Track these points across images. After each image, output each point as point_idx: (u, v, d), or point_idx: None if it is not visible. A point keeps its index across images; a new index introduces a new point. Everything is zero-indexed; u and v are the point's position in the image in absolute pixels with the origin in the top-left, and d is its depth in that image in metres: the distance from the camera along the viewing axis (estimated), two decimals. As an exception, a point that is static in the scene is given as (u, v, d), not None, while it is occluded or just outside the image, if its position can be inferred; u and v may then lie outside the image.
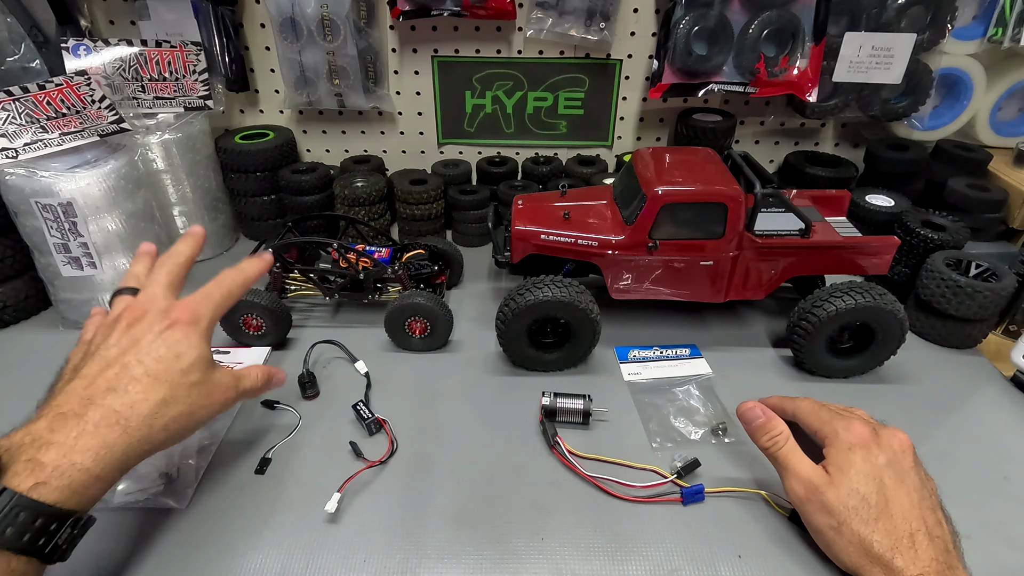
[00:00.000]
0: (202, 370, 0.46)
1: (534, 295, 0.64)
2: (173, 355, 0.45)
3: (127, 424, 0.42)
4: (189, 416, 0.46)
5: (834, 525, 0.46)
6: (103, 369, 0.43)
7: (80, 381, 0.43)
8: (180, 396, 0.45)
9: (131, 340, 0.45)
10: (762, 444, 0.52)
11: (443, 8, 0.86)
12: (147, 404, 0.43)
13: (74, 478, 0.39)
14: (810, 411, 0.52)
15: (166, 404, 0.44)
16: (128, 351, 0.44)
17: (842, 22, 0.86)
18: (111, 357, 0.44)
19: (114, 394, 0.42)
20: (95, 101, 0.74)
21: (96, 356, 0.44)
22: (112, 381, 0.42)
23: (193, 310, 0.47)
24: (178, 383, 0.45)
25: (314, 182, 0.91)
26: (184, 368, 0.45)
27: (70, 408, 0.41)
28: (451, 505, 0.54)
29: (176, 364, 0.45)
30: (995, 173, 0.91)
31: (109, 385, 0.42)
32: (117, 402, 0.42)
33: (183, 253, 0.53)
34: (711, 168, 0.69)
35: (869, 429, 0.49)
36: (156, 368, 0.44)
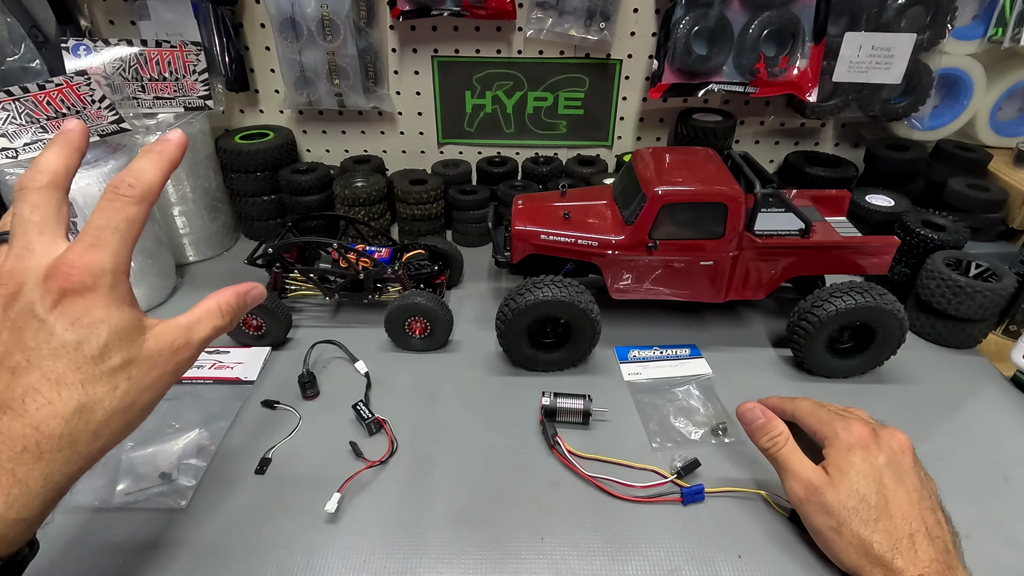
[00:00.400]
0: (122, 347, 0.34)
1: (534, 295, 0.64)
2: (74, 343, 0.33)
3: (38, 451, 0.32)
4: (126, 410, 0.35)
5: (834, 526, 0.46)
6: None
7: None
8: (101, 393, 0.33)
9: (12, 332, 0.32)
10: (762, 445, 0.52)
11: (443, 8, 0.86)
12: (57, 419, 0.32)
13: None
14: (809, 411, 0.52)
15: (84, 411, 0.33)
16: (13, 349, 0.32)
17: (842, 22, 0.86)
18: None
19: (9, 415, 0.31)
20: (95, 101, 0.74)
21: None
22: (3, 398, 0.32)
23: (85, 266, 0.33)
24: (92, 378, 0.33)
25: (314, 182, 0.91)
26: (95, 355, 0.33)
27: None
28: (451, 505, 0.54)
29: (81, 354, 0.33)
30: (995, 173, 0.91)
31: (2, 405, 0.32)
32: (15, 425, 0.31)
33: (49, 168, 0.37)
34: (711, 168, 0.69)
35: (868, 429, 0.49)
36: (55, 368, 0.32)
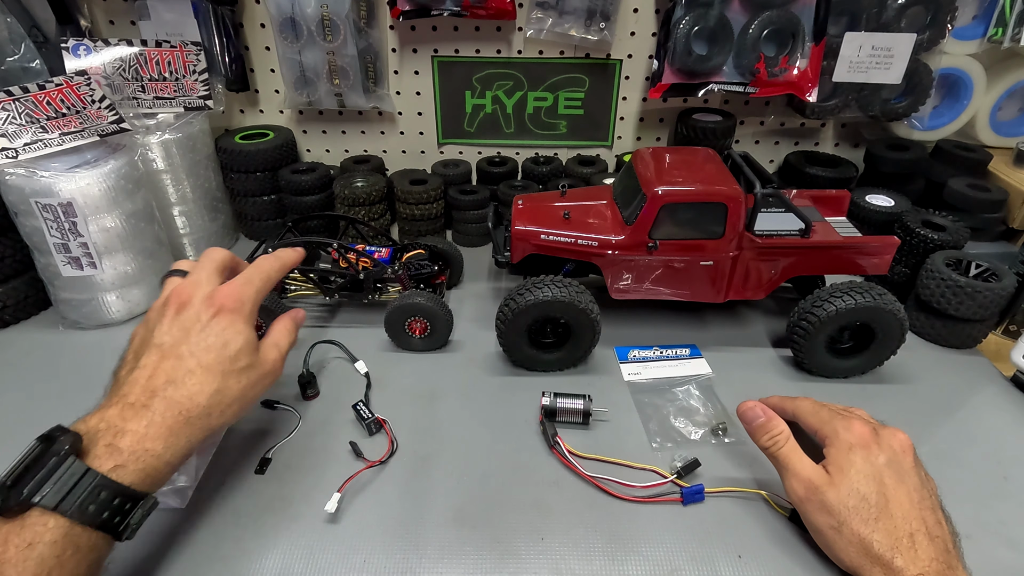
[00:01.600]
0: (249, 354, 0.49)
1: (534, 295, 0.64)
2: (221, 344, 0.48)
3: (188, 414, 0.45)
4: (242, 398, 0.49)
5: (834, 525, 0.46)
6: (160, 360, 0.46)
7: (141, 371, 0.46)
8: (232, 383, 0.48)
9: (181, 329, 0.48)
10: (762, 444, 0.52)
11: (443, 8, 0.86)
12: (203, 395, 0.46)
13: (147, 463, 0.42)
14: (810, 411, 0.52)
15: (220, 393, 0.47)
16: (180, 342, 0.47)
17: (842, 22, 0.86)
18: (165, 347, 0.47)
19: (174, 386, 0.45)
20: (95, 101, 0.74)
21: (151, 346, 0.47)
22: (170, 373, 0.46)
23: (236, 296, 0.50)
24: (228, 371, 0.48)
25: (314, 182, 0.91)
26: (232, 356, 0.48)
27: (136, 399, 0.44)
28: (451, 505, 0.54)
29: (225, 353, 0.48)
30: (995, 173, 0.91)
31: (168, 377, 0.45)
32: (177, 394, 0.45)
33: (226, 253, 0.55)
34: (711, 168, 0.69)
35: (869, 429, 0.49)
36: (207, 359, 0.47)
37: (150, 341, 0.48)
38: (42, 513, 0.38)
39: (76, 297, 0.74)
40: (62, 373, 0.70)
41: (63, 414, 0.63)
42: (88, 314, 0.76)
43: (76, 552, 0.39)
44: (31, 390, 0.67)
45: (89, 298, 0.74)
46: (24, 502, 0.37)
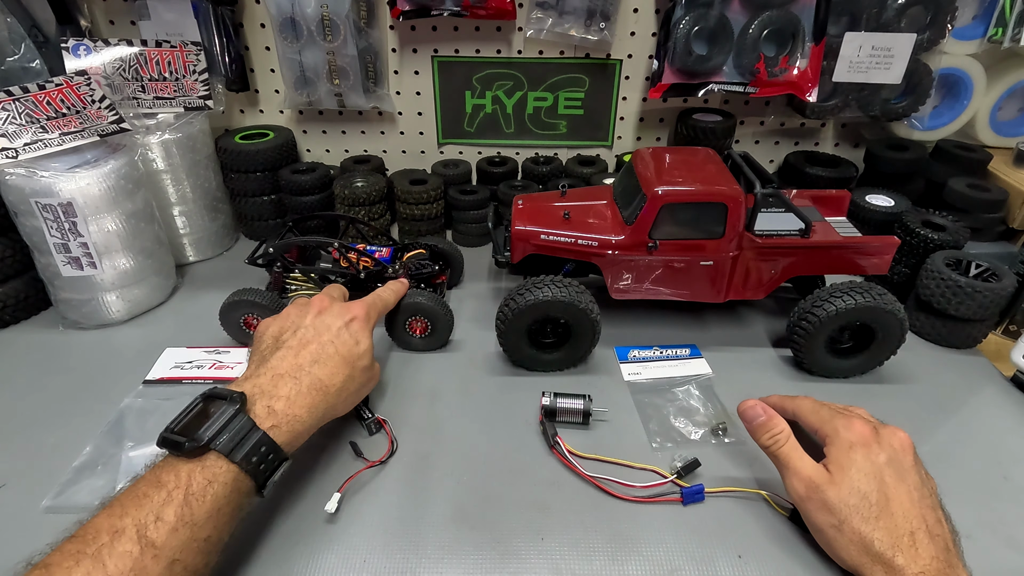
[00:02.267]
0: (370, 358, 0.58)
1: (534, 295, 0.64)
2: (354, 342, 0.56)
3: (327, 391, 0.52)
4: (358, 392, 0.58)
5: (835, 523, 0.46)
6: (304, 344, 0.54)
7: (288, 351, 0.53)
8: (356, 376, 0.56)
9: (323, 325, 0.56)
10: (763, 442, 0.52)
11: (443, 8, 0.86)
12: (339, 378, 0.54)
13: (294, 427, 0.49)
14: (811, 410, 0.52)
15: (349, 380, 0.55)
16: (323, 333, 0.55)
17: (842, 22, 0.86)
18: (309, 336, 0.55)
19: (318, 365, 0.53)
20: (95, 101, 0.74)
21: (295, 333, 0.55)
22: (315, 355, 0.53)
23: (366, 309, 0.60)
24: (356, 366, 0.56)
25: (314, 182, 0.91)
26: (360, 354, 0.56)
27: (285, 371, 0.51)
28: (451, 505, 0.54)
29: (356, 350, 0.56)
30: (995, 173, 0.91)
31: (313, 358, 0.53)
32: (320, 372, 0.52)
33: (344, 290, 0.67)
34: (711, 168, 0.69)
35: (870, 428, 0.49)
36: (343, 351, 0.55)
37: (294, 329, 0.55)
38: (218, 457, 0.44)
39: (76, 297, 0.74)
40: (62, 373, 0.70)
41: (63, 414, 0.64)
42: (88, 314, 0.76)
43: (238, 496, 0.45)
44: (31, 390, 0.67)
45: (89, 298, 0.74)
46: (205, 446, 0.43)
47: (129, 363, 0.70)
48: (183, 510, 0.41)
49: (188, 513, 0.41)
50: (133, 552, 0.39)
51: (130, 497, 0.41)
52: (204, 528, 0.42)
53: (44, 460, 0.58)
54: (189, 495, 0.42)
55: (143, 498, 0.41)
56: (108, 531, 0.39)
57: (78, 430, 0.61)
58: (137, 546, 0.39)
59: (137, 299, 0.78)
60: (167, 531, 0.40)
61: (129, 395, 0.65)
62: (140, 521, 0.40)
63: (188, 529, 0.41)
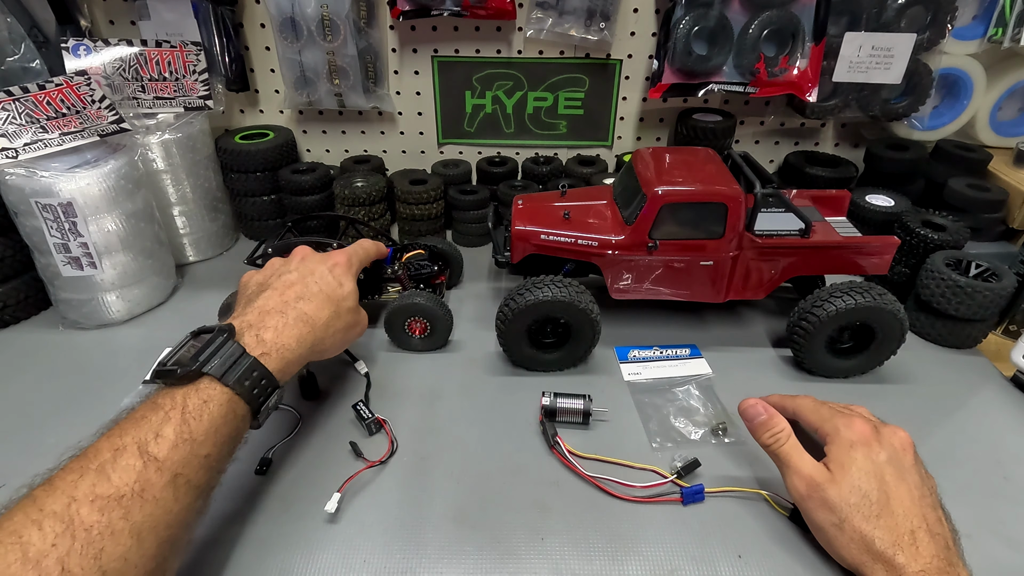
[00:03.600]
0: (354, 300, 0.60)
1: (534, 295, 0.64)
2: (337, 283, 0.58)
3: (313, 325, 0.54)
4: (345, 332, 0.59)
5: (836, 522, 0.46)
6: (289, 284, 0.56)
7: (273, 291, 0.55)
8: (342, 314, 0.57)
9: (307, 268, 0.58)
10: (763, 441, 0.52)
11: (443, 8, 0.86)
12: (324, 314, 0.55)
13: (284, 356, 0.50)
14: (811, 409, 0.52)
15: (335, 317, 0.56)
16: (306, 276, 0.57)
17: (842, 22, 0.86)
18: (293, 278, 0.56)
19: (303, 301, 0.54)
20: (95, 101, 0.74)
21: (280, 277, 0.57)
22: (300, 292, 0.55)
23: (347, 255, 0.62)
24: (340, 305, 0.57)
25: (314, 182, 0.91)
26: (344, 295, 0.58)
27: (272, 307, 0.53)
28: (451, 505, 0.54)
29: (340, 291, 0.58)
30: (995, 173, 0.91)
31: (298, 295, 0.55)
32: (306, 307, 0.54)
33: None
34: (711, 168, 0.69)
35: (870, 426, 0.49)
36: (327, 290, 0.57)
37: (278, 274, 0.57)
38: (211, 380, 0.45)
39: (76, 297, 0.74)
40: (62, 373, 0.70)
41: (63, 414, 0.64)
42: (88, 314, 0.76)
43: (234, 418, 0.46)
44: (31, 390, 0.67)
45: (89, 298, 0.74)
46: (197, 370, 0.45)
47: (129, 363, 0.70)
48: (182, 427, 0.42)
49: (187, 430, 0.42)
50: (136, 465, 0.40)
51: (128, 421, 0.43)
52: (204, 445, 0.43)
53: (44, 460, 0.58)
54: (186, 414, 0.43)
55: (141, 420, 0.42)
56: (109, 449, 0.40)
57: (78, 430, 0.60)
58: (140, 460, 0.40)
59: (137, 299, 0.78)
60: (168, 446, 0.41)
61: (129, 395, 0.65)
62: (140, 439, 0.41)
63: (188, 445, 0.42)
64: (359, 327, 0.62)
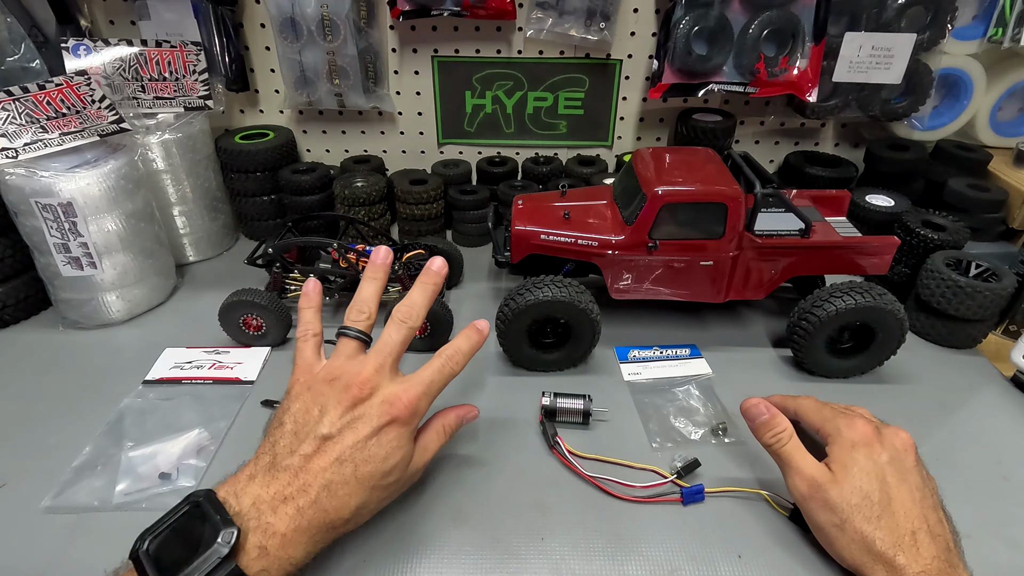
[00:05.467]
0: (402, 469, 0.48)
1: (534, 295, 0.64)
2: (382, 457, 0.46)
3: (331, 525, 0.44)
4: (375, 511, 0.48)
5: (837, 522, 0.46)
6: (320, 454, 0.44)
7: (302, 459, 0.44)
8: (376, 496, 0.46)
9: (350, 427, 0.45)
10: (765, 441, 0.52)
11: (443, 8, 0.86)
12: (349, 508, 0.45)
13: (285, 570, 0.42)
14: (812, 409, 0.52)
15: (362, 507, 0.46)
16: (347, 440, 0.45)
17: (842, 22, 0.86)
18: (330, 442, 0.45)
19: (327, 493, 0.43)
20: (95, 101, 0.74)
21: (316, 434, 0.45)
22: (327, 478, 0.44)
23: (414, 407, 0.47)
24: (378, 486, 0.46)
25: (314, 182, 0.91)
26: (387, 471, 0.46)
27: (290, 493, 0.43)
28: (451, 505, 0.54)
29: (382, 467, 0.46)
30: (995, 173, 0.91)
31: (325, 482, 0.44)
32: (328, 503, 0.44)
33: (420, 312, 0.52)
34: (711, 168, 0.69)
35: (872, 427, 0.49)
36: (364, 470, 0.45)
37: (316, 426, 0.45)
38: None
39: (76, 297, 0.74)
40: (62, 373, 0.70)
41: (63, 414, 0.63)
42: (88, 314, 0.76)
43: None
44: (31, 390, 0.67)
45: (89, 298, 0.74)
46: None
47: (129, 363, 0.70)
48: None
49: None
50: None
51: None
52: None
53: (44, 460, 0.58)
54: None
55: None
56: None
57: (78, 430, 0.61)
58: None
59: (137, 299, 0.78)
60: None
61: (129, 395, 0.65)
62: None
63: None
64: (405, 487, 0.51)
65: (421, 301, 0.52)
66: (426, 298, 0.52)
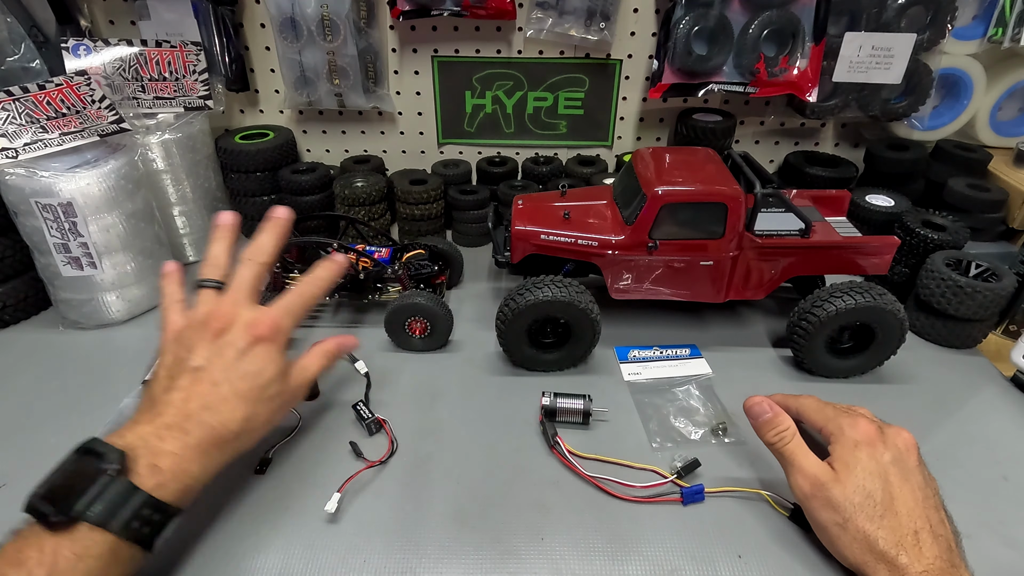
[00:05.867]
0: (279, 381, 0.51)
1: (534, 295, 0.64)
2: (255, 372, 0.49)
3: (221, 439, 0.47)
4: (268, 423, 0.51)
5: (839, 521, 0.46)
6: (195, 383, 0.47)
7: (177, 393, 0.47)
8: (260, 410, 0.50)
9: (219, 355, 0.48)
10: (768, 439, 0.52)
11: (443, 8, 0.86)
12: (235, 421, 0.48)
13: (185, 482, 0.45)
14: (815, 408, 0.52)
15: (250, 419, 0.49)
16: (217, 367, 0.48)
17: (842, 22, 0.86)
18: (201, 372, 0.48)
19: (209, 411, 0.47)
20: (95, 101, 0.74)
21: (187, 368, 0.48)
22: (205, 398, 0.47)
23: (276, 325, 0.51)
24: (259, 399, 0.49)
25: (314, 182, 0.91)
26: (264, 384, 0.49)
27: (173, 420, 0.46)
28: (451, 505, 0.54)
29: (257, 381, 0.49)
30: (995, 173, 0.91)
31: (203, 402, 0.47)
32: (212, 419, 0.47)
33: (267, 250, 0.55)
34: (711, 168, 0.69)
35: (875, 427, 0.49)
36: (241, 387, 0.48)
37: (186, 362, 0.48)
38: (91, 528, 0.39)
39: (76, 297, 0.74)
40: (62, 373, 0.70)
41: (63, 414, 0.64)
42: (88, 314, 0.76)
43: (118, 564, 0.41)
44: (31, 390, 0.67)
45: (89, 298, 0.74)
46: (74, 517, 0.39)
47: (129, 363, 0.70)
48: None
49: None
50: None
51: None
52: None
53: (44, 460, 0.58)
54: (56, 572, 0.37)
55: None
56: None
57: (78, 430, 0.60)
58: None
59: (137, 299, 0.78)
60: None
61: (129, 395, 0.65)
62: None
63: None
64: (290, 403, 0.54)
65: (267, 239, 0.55)
66: (271, 237, 0.55)
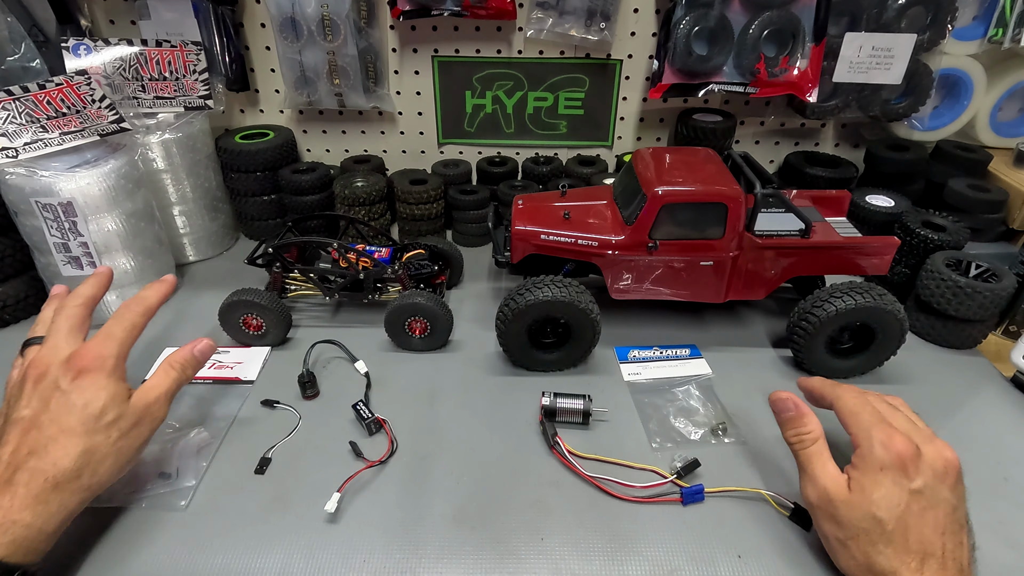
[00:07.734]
0: (117, 407, 0.48)
1: (534, 295, 0.64)
2: (82, 404, 0.47)
3: (56, 480, 0.44)
4: (116, 453, 0.48)
5: (841, 538, 0.45)
6: (21, 435, 0.45)
7: (6, 448, 0.45)
8: (99, 440, 0.47)
9: (40, 399, 0.47)
10: (787, 438, 0.51)
11: (443, 8, 0.86)
12: (68, 459, 0.45)
13: (17, 533, 0.42)
14: (850, 411, 0.49)
15: (87, 453, 0.46)
16: (40, 412, 0.46)
17: (842, 22, 0.86)
18: (26, 421, 0.46)
19: (36, 456, 0.44)
20: (95, 101, 0.74)
21: (12, 422, 0.46)
22: (32, 444, 0.45)
23: (95, 353, 0.49)
24: (94, 429, 0.46)
25: (314, 182, 0.91)
26: (96, 413, 0.47)
27: (2, 475, 0.44)
28: (451, 505, 0.54)
29: (88, 411, 0.46)
30: (995, 173, 0.91)
31: (30, 449, 0.45)
32: (41, 463, 0.44)
33: (83, 294, 0.54)
34: (711, 168, 0.69)
35: (912, 448, 0.44)
36: (69, 422, 0.46)
37: (11, 416, 0.47)
38: None
39: (76, 297, 0.74)
40: (62, 373, 0.70)
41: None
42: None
43: None
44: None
45: (89, 298, 0.74)
46: None
47: (129, 363, 0.70)
48: None
49: None
50: None
51: None
52: None
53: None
54: None
55: None
56: None
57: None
58: None
59: (137, 299, 0.78)
60: None
61: (129, 395, 0.65)
62: None
63: None
64: (140, 425, 0.50)
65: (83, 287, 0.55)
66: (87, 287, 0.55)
